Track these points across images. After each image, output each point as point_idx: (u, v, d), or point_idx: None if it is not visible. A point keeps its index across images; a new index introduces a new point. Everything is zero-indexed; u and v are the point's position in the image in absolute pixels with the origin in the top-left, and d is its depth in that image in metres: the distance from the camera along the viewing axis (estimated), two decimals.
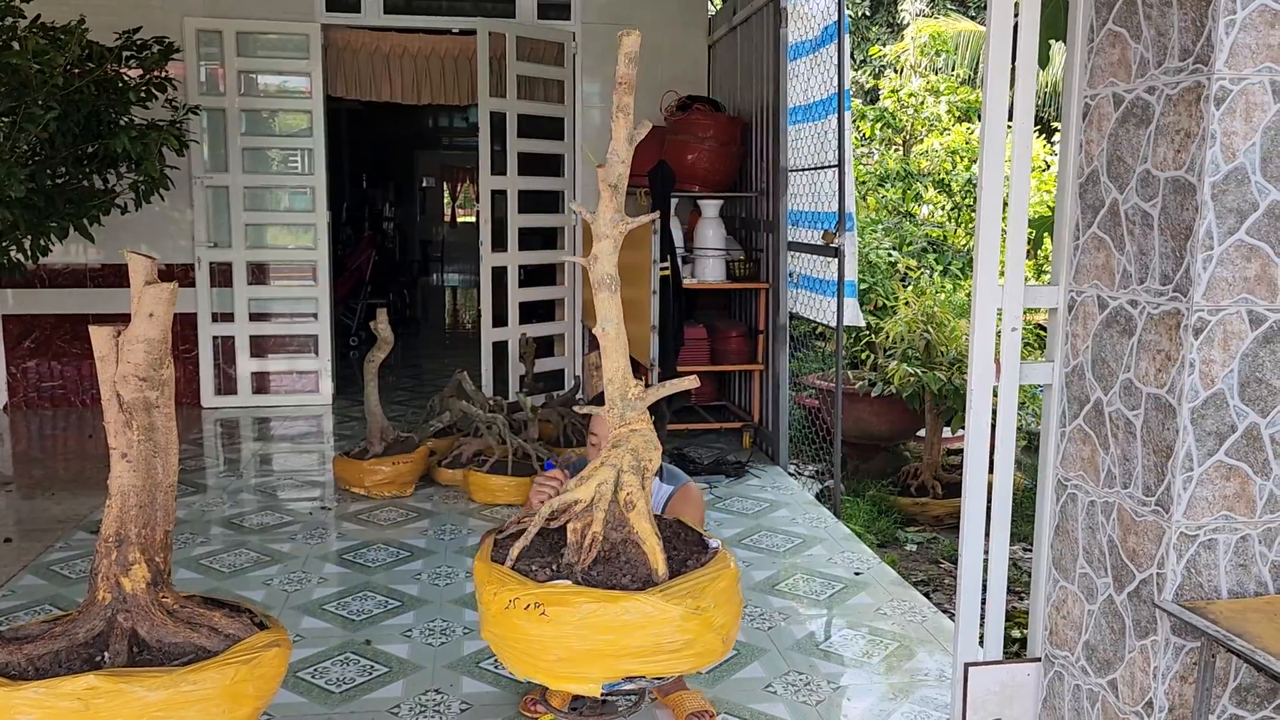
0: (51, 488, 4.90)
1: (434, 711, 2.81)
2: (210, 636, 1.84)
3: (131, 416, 1.84)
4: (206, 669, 1.73)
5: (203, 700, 1.71)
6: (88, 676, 1.65)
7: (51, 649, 1.77)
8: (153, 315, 1.80)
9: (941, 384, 5.13)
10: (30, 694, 1.64)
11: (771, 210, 5.47)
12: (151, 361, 1.82)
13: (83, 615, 1.83)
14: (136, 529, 1.87)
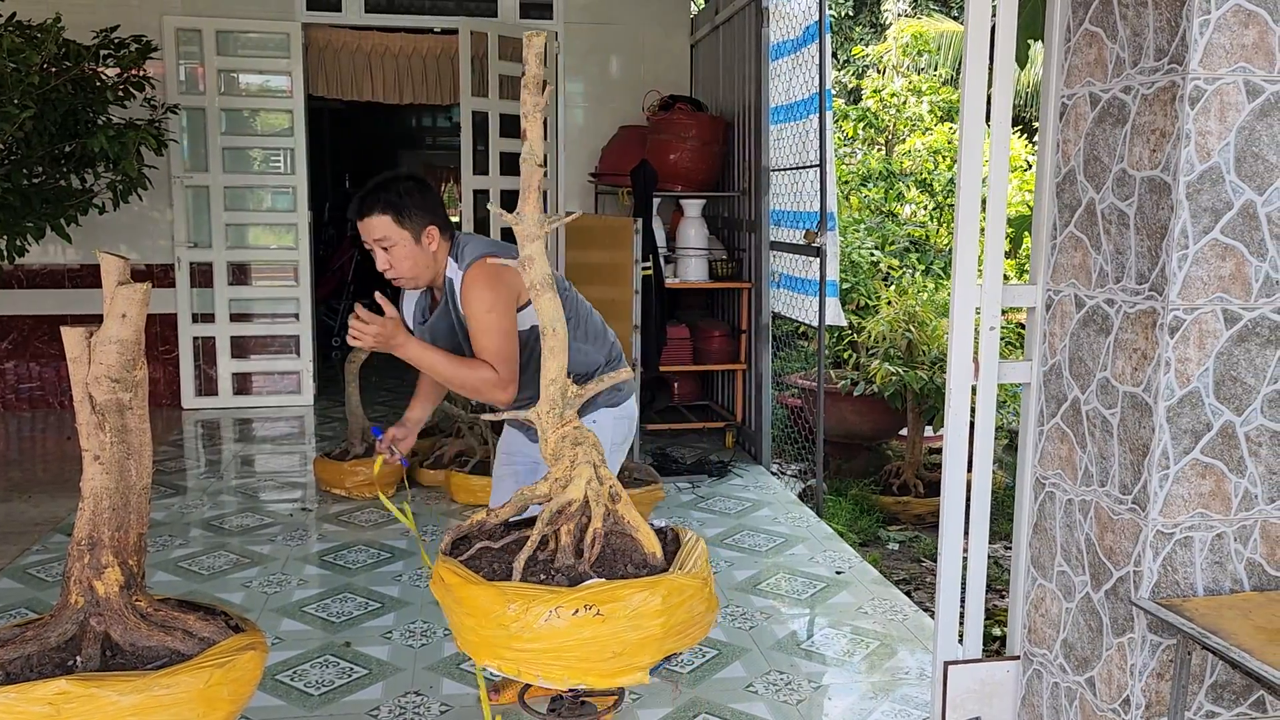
0: (28, 490, 4.85)
1: (413, 713, 2.80)
2: (184, 640, 1.82)
3: (104, 418, 1.83)
4: (179, 673, 1.71)
5: (176, 704, 1.69)
6: (59, 681, 1.63)
7: (22, 653, 1.75)
8: (125, 316, 1.78)
9: (923, 383, 5.14)
10: (0, 699, 1.62)
11: (753, 210, 5.47)
12: (124, 363, 1.80)
13: (55, 619, 1.81)
14: (109, 532, 1.85)
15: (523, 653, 1.73)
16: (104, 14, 5.51)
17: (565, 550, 1.87)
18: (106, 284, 1.82)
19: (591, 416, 2.57)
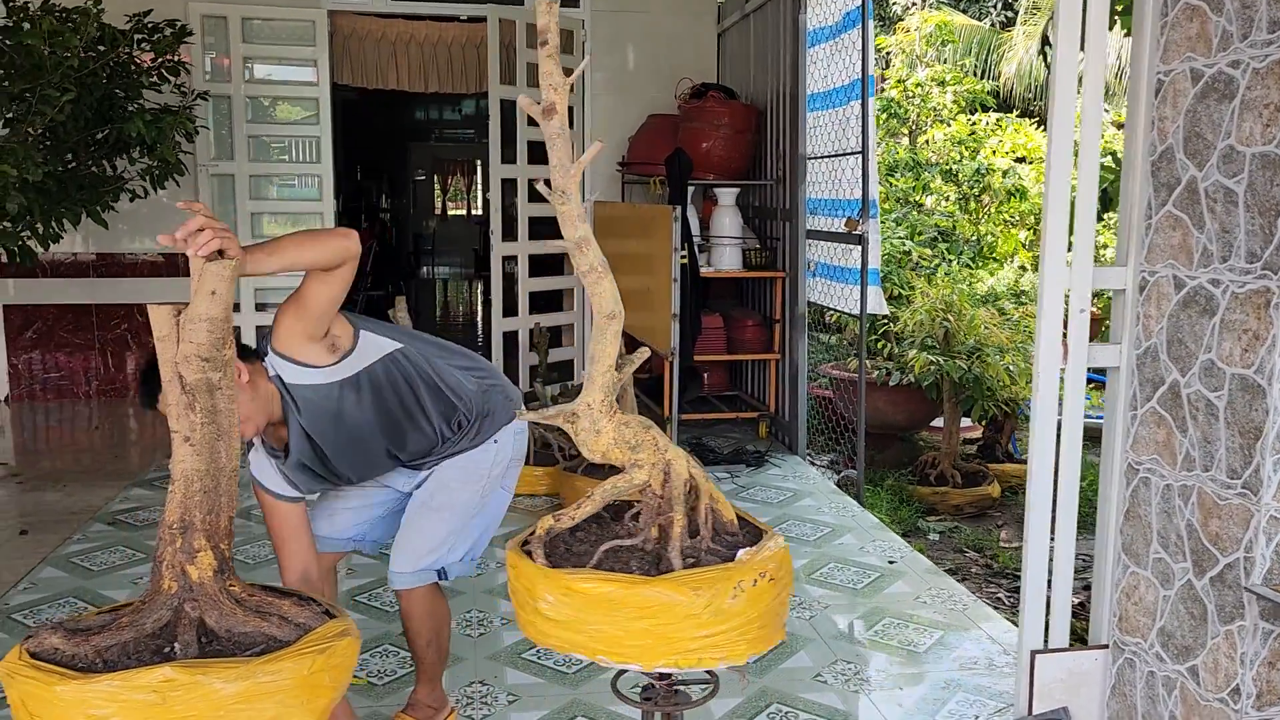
0: (61, 480, 4.80)
1: (481, 703, 2.76)
2: (281, 626, 1.77)
3: (194, 398, 1.77)
4: (283, 659, 1.66)
5: (280, 691, 1.64)
6: (163, 668, 1.58)
7: (119, 640, 1.70)
8: (215, 293, 1.72)
9: (962, 372, 5.09)
10: (105, 687, 1.57)
11: (788, 198, 5.42)
12: (214, 341, 1.74)
13: (149, 605, 1.75)
14: (201, 515, 1.80)
15: (710, 638, 1.66)
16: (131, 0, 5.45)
17: (680, 533, 1.82)
18: (194, 261, 1.76)
19: (494, 437, 2.46)
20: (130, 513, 4.34)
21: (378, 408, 2.28)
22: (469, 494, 2.46)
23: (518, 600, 1.80)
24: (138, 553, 3.86)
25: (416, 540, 2.46)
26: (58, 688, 1.58)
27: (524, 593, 1.75)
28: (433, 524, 2.46)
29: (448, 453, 2.44)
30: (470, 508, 2.47)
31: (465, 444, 2.44)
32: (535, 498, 4.61)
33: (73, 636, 1.70)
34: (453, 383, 2.38)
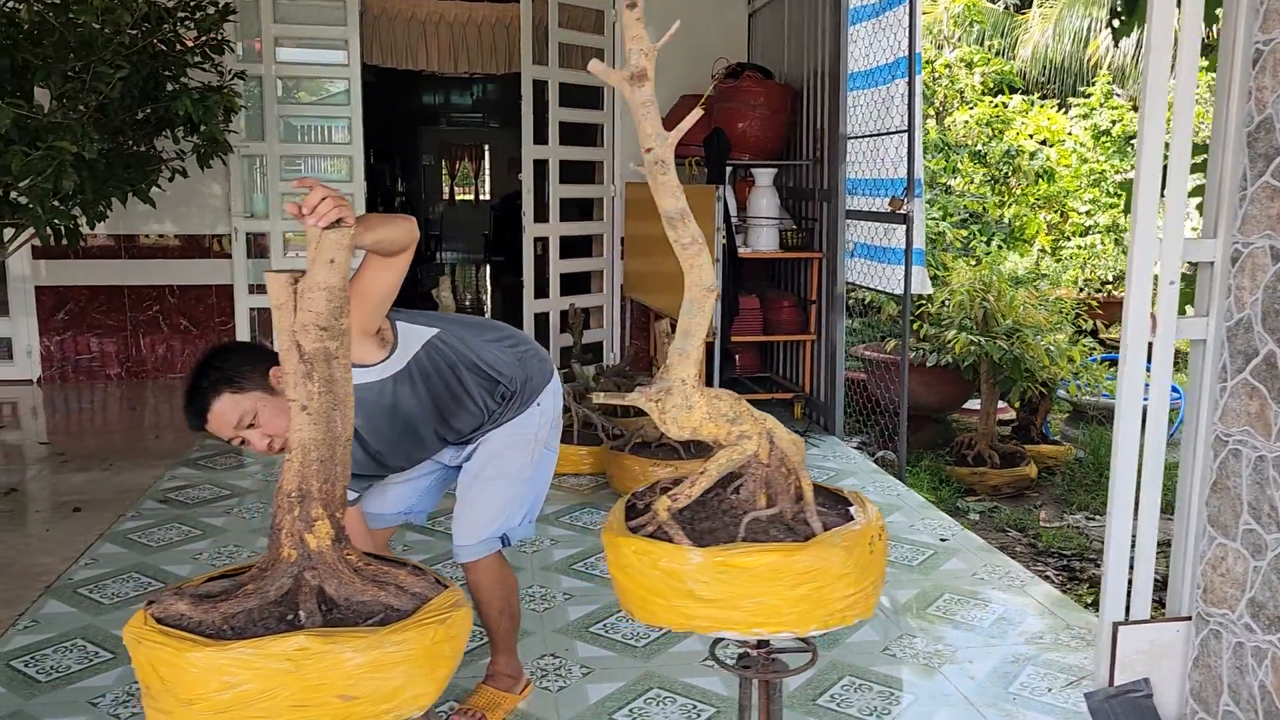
0: (107, 459, 4.82)
1: (555, 675, 2.77)
2: (398, 595, 1.78)
3: (312, 367, 1.77)
4: (408, 629, 1.66)
5: (405, 661, 1.65)
6: (297, 637, 1.58)
7: (244, 608, 1.70)
8: (334, 261, 1.72)
9: (1003, 353, 5.10)
10: (239, 654, 1.58)
11: (827, 178, 5.41)
12: (332, 310, 1.74)
13: (271, 573, 1.76)
14: (318, 484, 1.80)
15: (851, 597, 1.68)
16: None
17: (810, 497, 1.84)
18: (311, 230, 1.76)
19: (536, 400, 2.50)
20: (180, 491, 4.35)
21: (428, 396, 2.31)
22: (519, 460, 2.50)
23: (650, 587, 1.72)
24: (193, 529, 3.87)
25: (476, 512, 2.49)
26: (190, 654, 1.59)
27: (666, 577, 1.68)
28: (488, 494, 2.49)
29: (494, 424, 2.48)
30: (523, 473, 2.51)
31: (510, 413, 2.48)
32: (580, 477, 4.62)
33: (200, 603, 1.71)
34: (490, 359, 2.40)
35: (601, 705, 2.62)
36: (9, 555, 3.60)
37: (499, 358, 2.43)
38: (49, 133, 3.45)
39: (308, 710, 1.61)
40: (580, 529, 3.94)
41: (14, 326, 6.47)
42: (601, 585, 3.39)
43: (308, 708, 1.61)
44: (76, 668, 2.81)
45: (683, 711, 2.59)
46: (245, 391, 2.11)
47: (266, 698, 1.58)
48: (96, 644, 2.95)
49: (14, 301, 6.42)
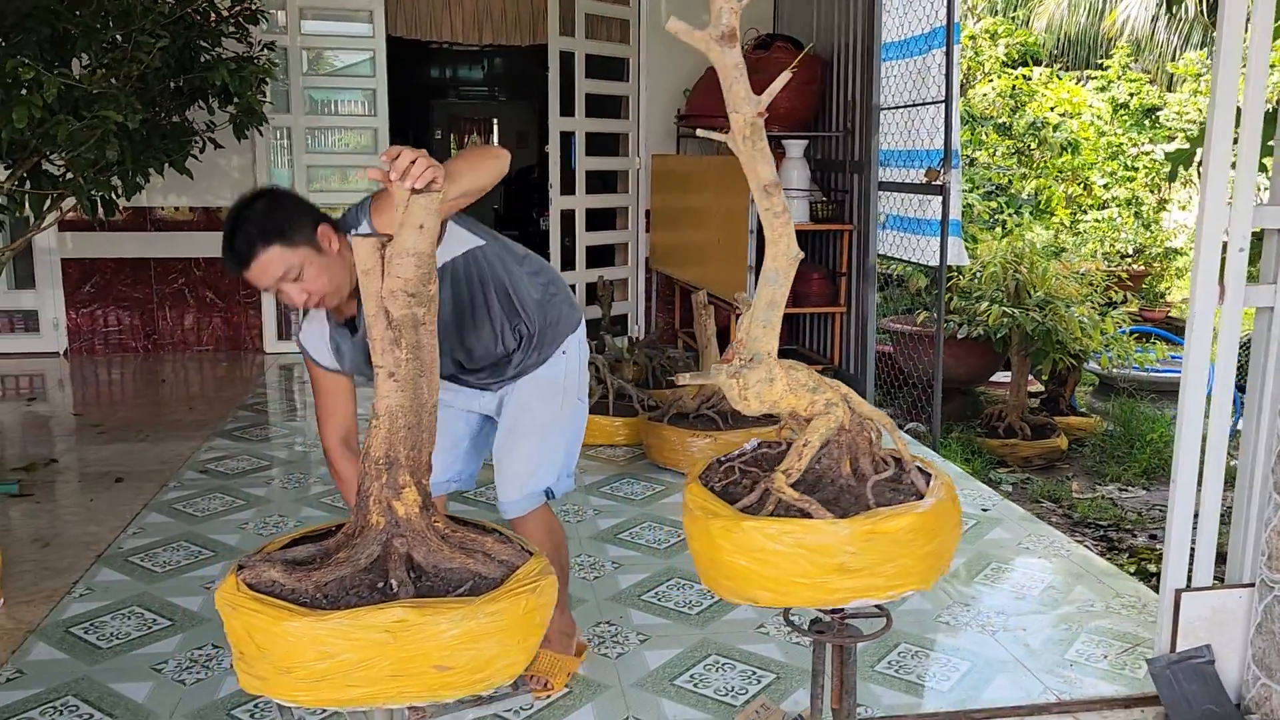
0: (143, 430, 4.84)
1: (612, 642, 2.79)
2: (486, 563, 1.79)
3: (400, 334, 1.77)
4: (501, 599, 1.67)
5: (500, 631, 1.65)
6: (395, 609, 1.59)
7: (336, 575, 1.71)
8: (423, 226, 1.72)
9: (1035, 325, 5.09)
10: (337, 624, 1.58)
11: (859, 150, 5.38)
12: (421, 276, 1.74)
13: (360, 540, 1.77)
14: (405, 451, 1.81)
15: (954, 548, 1.72)
16: None
17: (908, 458, 1.85)
18: (400, 192, 1.75)
19: (561, 348, 2.48)
20: (219, 462, 4.37)
21: (451, 302, 2.27)
22: (550, 411, 2.48)
23: (787, 568, 1.68)
24: (237, 499, 3.89)
25: (515, 466, 2.48)
26: (288, 623, 1.59)
27: (812, 554, 1.65)
28: (524, 448, 2.48)
29: (516, 372, 2.45)
30: (555, 424, 2.50)
31: (533, 359, 2.45)
32: (615, 448, 4.63)
33: (291, 571, 1.72)
34: (521, 291, 2.37)
35: (662, 671, 2.64)
36: (57, 525, 3.63)
37: (529, 293, 2.39)
38: (94, 102, 3.44)
39: (403, 680, 1.62)
40: (621, 499, 3.96)
41: (40, 299, 6.48)
42: (648, 554, 3.41)
43: (403, 678, 1.62)
44: (136, 634, 2.84)
45: (742, 677, 2.62)
46: (296, 246, 2.05)
47: (363, 667, 1.59)
48: (154, 611, 2.98)
49: (40, 274, 6.43)
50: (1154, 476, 5.03)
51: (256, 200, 2.09)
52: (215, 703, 2.50)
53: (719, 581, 1.78)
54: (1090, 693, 2.55)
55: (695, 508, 1.80)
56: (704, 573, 1.82)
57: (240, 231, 2.05)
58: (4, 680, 2.59)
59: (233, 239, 2.05)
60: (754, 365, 1.90)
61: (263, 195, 2.10)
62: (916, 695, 2.54)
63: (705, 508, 1.78)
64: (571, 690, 2.54)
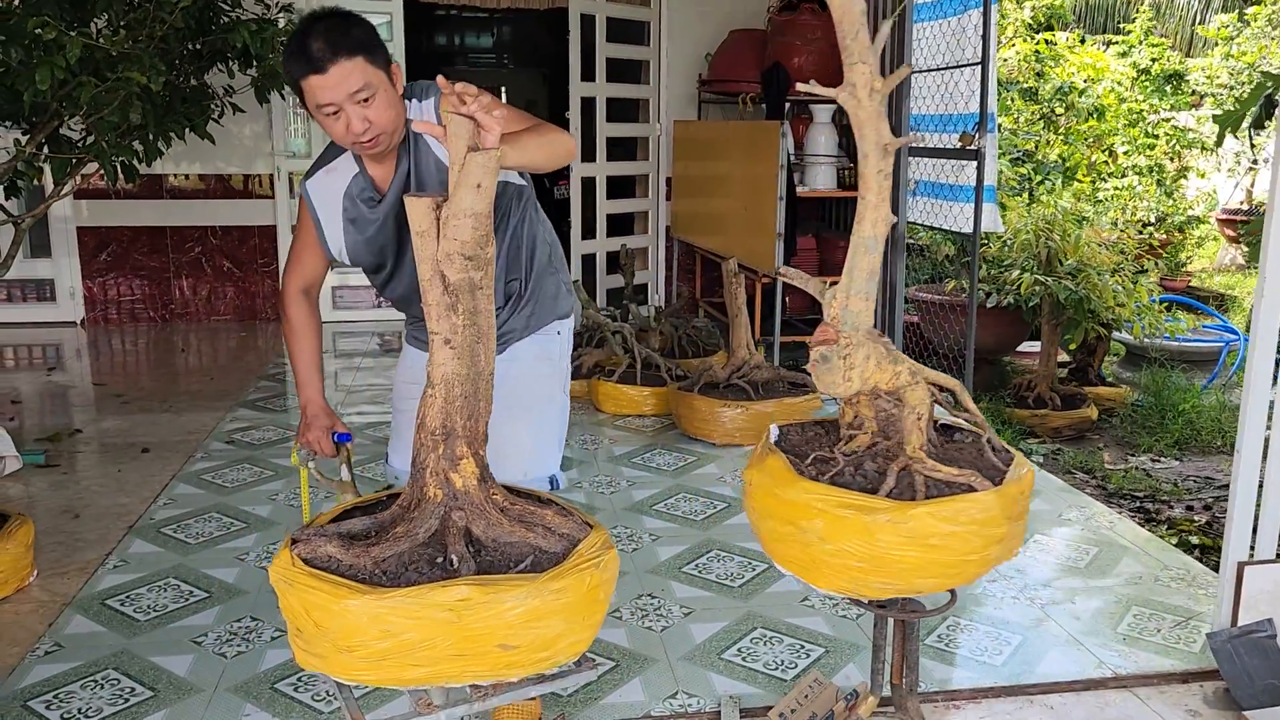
0: (167, 400, 4.79)
1: (656, 615, 2.75)
2: (546, 536, 1.73)
3: (457, 299, 1.71)
4: (565, 575, 1.61)
5: (565, 609, 1.60)
6: (459, 587, 1.53)
7: (395, 551, 1.66)
8: (480, 186, 1.64)
9: (1069, 293, 5.01)
10: (400, 603, 1.53)
11: (890, 114, 5.27)
12: (479, 239, 1.67)
13: (418, 514, 1.72)
14: (462, 421, 1.75)
15: None
16: None
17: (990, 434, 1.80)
18: (456, 150, 1.66)
19: (556, 328, 2.25)
20: (244, 432, 4.32)
21: None
22: (547, 388, 2.25)
23: (960, 546, 1.63)
24: (265, 470, 3.85)
25: (513, 445, 2.16)
26: (348, 601, 1.54)
27: (980, 528, 1.62)
28: (521, 424, 2.19)
29: (504, 336, 2.19)
30: (550, 402, 2.26)
31: (518, 324, 2.21)
32: (643, 418, 4.58)
33: (348, 546, 1.67)
34: (533, 246, 2.19)
35: (709, 645, 2.60)
36: (86, 496, 3.59)
37: (538, 254, 2.21)
38: (116, 64, 3.36)
39: (467, 660, 1.57)
40: (654, 470, 3.91)
41: (56, 268, 6.42)
42: (685, 526, 3.36)
43: (467, 657, 1.57)
44: (174, 606, 2.80)
45: (791, 651, 2.57)
46: (377, 66, 1.89)
47: (426, 647, 1.54)
48: (190, 583, 2.94)
49: (56, 242, 6.36)
50: (1186, 447, 4.97)
51: (334, 14, 1.90)
52: (258, 676, 2.46)
53: (867, 581, 1.66)
54: (1146, 667, 2.50)
55: (838, 508, 1.66)
56: (850, 576, 1.68)
57: (321, 35, 1.84)
58: (43, 653, 2.56)
59: (307, 41, 1.84)
60: (858, 343, 1.82)
61: (339, 11, 1.91)
62: (969, 670, 2.49)
63: (852, 504, 1.65)
64: (618, 665, 2.51)
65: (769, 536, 1.80)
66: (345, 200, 2.07)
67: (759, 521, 1.82)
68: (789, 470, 1.76)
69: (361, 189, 2.07)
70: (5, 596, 2.84)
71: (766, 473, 1.79)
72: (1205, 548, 3.55)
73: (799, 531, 1.70)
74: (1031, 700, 2.37)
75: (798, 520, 1.71)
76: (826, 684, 2.37)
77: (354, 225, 2.08)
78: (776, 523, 1.75)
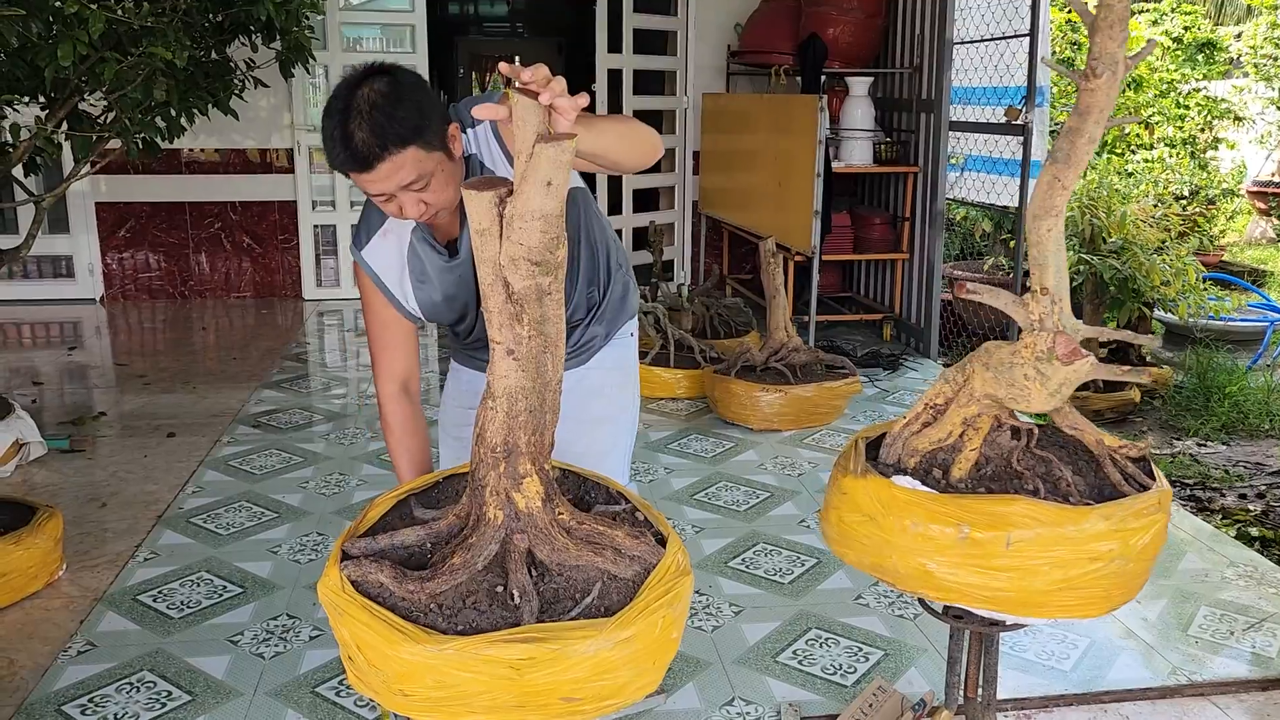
0: (190, 381, 4.71)
1: (705, 613, 2.66)
2: (616, 561, 1.60)
3: (522, 309, 1.57)
4: (634, 621, 1.48)
5: (634, 658, 1.47)
6: (518, 645, 1.41)
7: (453, 584, 1.55)
8: (551, 184, 1.48)
9: (1114, 272, 4.87)
10: (455, 654, 1.41)
11: (929, 87, 5.12)
12: (548, 242, 1.52)
13: (477, 540, 1.60)
14: (526, 437, 1.62)
15: None
16: None
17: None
18: (523, 138, 1.45)
19: (630, 329, 2.12)
20: (270, 415, 4.24)
21: None
22: (623, 397, 2.11)
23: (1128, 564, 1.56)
24: (294, 456, 3.77)
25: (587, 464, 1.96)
26: (403, 650, 1.44)
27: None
28: (598, 437, 2.05)
29: (579, 348, 2.06)
30: (625, 411, 2.12)
31: (599, 334, 2.05)
32: (677, 401, 4.47)
33: (403, 580, 1.55)
34: (607, 248, 2.03)
35: (762, 646, 2.51)
36: (113, 483, 3.51)
37: (613, 255, 2.05)
38: (139, 39, 3.23)
39: (527, 710, 1.46)
40: (692, 456, 3.81)
41: (74, 244, 6.33)
42: (729, 517, 3.27)
43: (527, 708, 1.46)
44: (207, 603, 2.72)
45: (848, 654, 2.48)
46: (432, 150, 1.63)
47: (485, 697, 1.44)
48: (223, 578, 2.86)
49: (74, 218, 6.26)
50: (1234, 431, 4.84)
51: (377, 79, 1.60)
52: (298, 679, 2.38)
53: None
54: (1220, 672, 2.40)
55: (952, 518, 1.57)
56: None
57: (366, 121, 1.57)
58: (75, 653, 2.48)
59: (349, 130, 1.57)
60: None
61: (386, 72, 1.61)
62: (1037, 676, 2.40)
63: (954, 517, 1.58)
64: (670, 668, 2.41)
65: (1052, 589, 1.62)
66: (412, 258, 1.83)
67: (1026, 582, 1.61)
68: (1059, 508, 1.58)
69: (427, 243, 1.82)
70: (36, 592, 2.77)
71: (1031, 521, 1.58)
72: (1266, 540, 3.44)
73: (1100, 563, 1.58)
74: (1105, 709, 2.27)
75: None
76: (891, 691, 2.27)
77: (423, 285, 1.85)
78: (1060, 569, 1.60)
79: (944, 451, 1.73)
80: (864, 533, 1.73)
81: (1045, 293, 1.62)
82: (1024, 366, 1.60)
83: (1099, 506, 1.57)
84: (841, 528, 1.76)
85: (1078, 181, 1.58)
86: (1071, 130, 1.54)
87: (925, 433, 1.74)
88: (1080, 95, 1.51)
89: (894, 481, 1.70)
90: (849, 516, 1.74)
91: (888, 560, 1.69)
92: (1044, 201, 1.57)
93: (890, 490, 1.68)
